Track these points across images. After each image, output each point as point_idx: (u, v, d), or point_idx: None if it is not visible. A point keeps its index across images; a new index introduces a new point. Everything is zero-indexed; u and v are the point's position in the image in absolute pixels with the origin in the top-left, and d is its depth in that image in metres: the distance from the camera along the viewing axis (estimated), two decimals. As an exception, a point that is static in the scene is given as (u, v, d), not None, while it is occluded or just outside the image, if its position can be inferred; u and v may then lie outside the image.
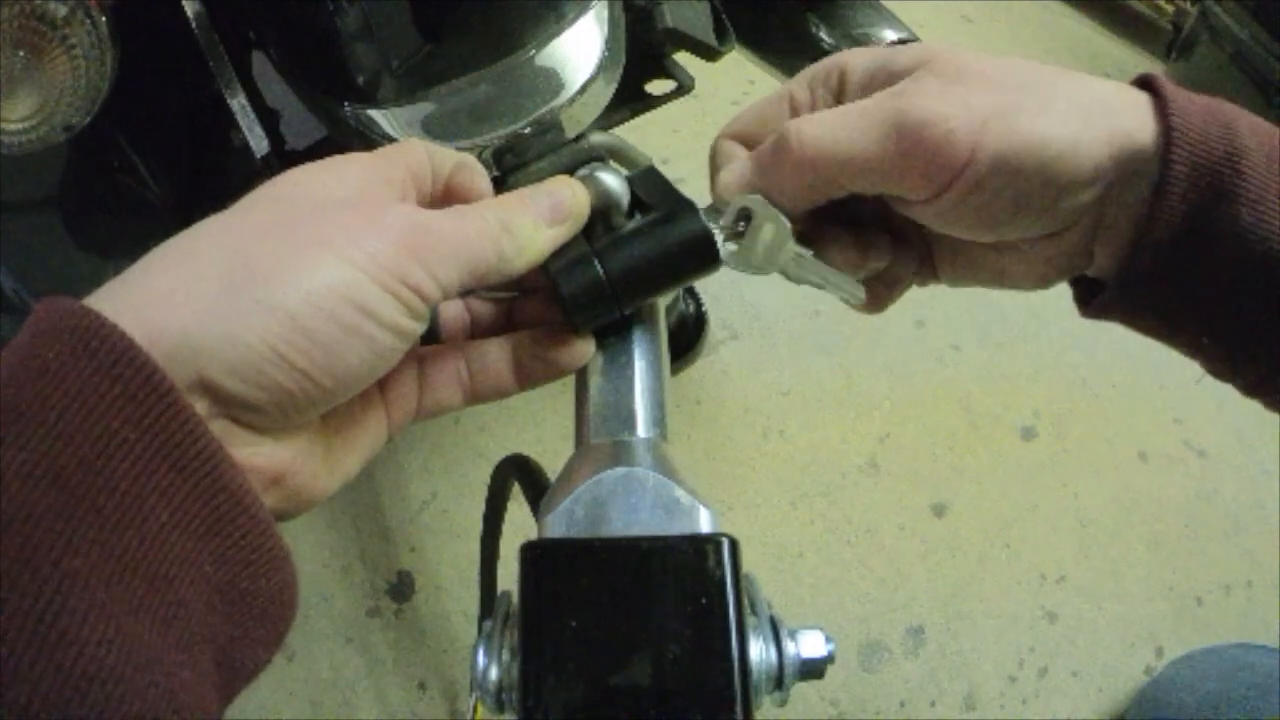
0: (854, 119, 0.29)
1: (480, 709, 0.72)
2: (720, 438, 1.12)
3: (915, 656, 0.97)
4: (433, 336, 0.35)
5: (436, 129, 0.46)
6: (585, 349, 0.34)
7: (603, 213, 0.35)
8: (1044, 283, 0.35)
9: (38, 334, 0.22)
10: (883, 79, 0.31)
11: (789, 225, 0.32)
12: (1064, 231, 0.31)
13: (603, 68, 0.48)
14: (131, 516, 0.21)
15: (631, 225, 0.34)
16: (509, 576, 0.29)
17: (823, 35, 0.71)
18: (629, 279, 0.32)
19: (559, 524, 0.29)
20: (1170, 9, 1.99)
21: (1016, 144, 0.27)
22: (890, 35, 0.70)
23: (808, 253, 0.32)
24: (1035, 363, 1.28)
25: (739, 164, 0.33)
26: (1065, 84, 0.29)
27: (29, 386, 0.21)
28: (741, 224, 0.32)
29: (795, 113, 0.33)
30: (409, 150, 0.31)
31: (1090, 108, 0.28)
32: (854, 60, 0.33)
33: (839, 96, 0.33)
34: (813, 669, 0.28)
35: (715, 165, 0.35)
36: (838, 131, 0.29)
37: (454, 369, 0.33)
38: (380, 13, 0.47)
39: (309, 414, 0.26)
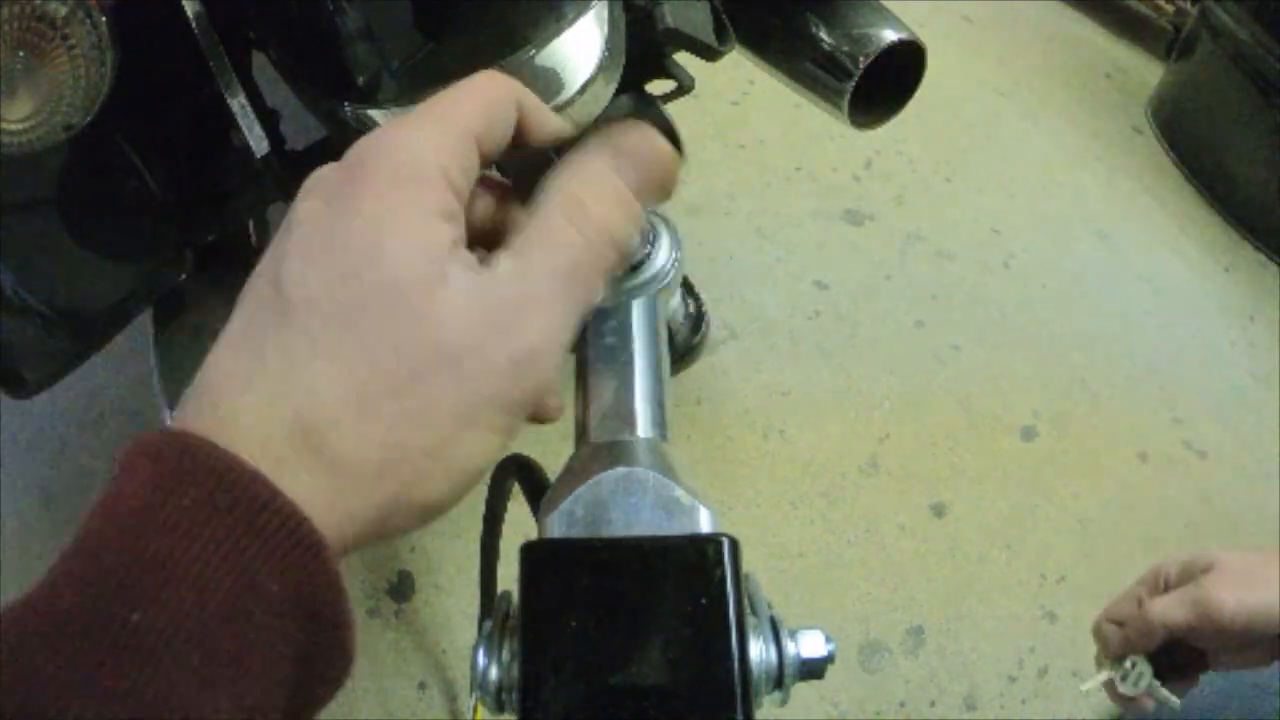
0: (1174, 601, 0.57)
1: (480, 709, 0.72)
2: (720, 438, 1.12)
3: (915, 656, 0.97)
4: None
5: (436, 129, 0.46)
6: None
7: None
8: (1270, 663, 0.58)
9: (165, 474, 0.21)
10: (1189, 575, 0.58)
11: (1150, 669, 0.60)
12: None
13: (603, 68, 0.48)
14: (265, 669, 0.21)
15: None
16: (509, 576, 0.29)
17: (823, 35, 0.71)
18: None
19: (559, 524, 0.29)
20: (1170, 9, 2.00)
21: (1254, 611, 0.53)
22: (891, 36, 0.70)
23: (1156, 681, 0.59)
24: (1035, 363, 1.28)
25: (1118, 635, 0.60)
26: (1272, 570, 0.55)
27: (163, 537, 0.20)
28: (1129, 667, 0.59)
29: (1142, 602, 0.59)
30: (451, 164, 0.26)
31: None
32: (1169, 566, 0.60)
33: (1166, 587, 0.60)
34: (813, 669, 0.28)
35: (1101, 636, 0.62)
36: (1166, 607, 0.57)
37: None
38: (380, 13, 0.47)
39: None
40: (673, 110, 0.80)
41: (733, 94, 1.61)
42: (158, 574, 0.20)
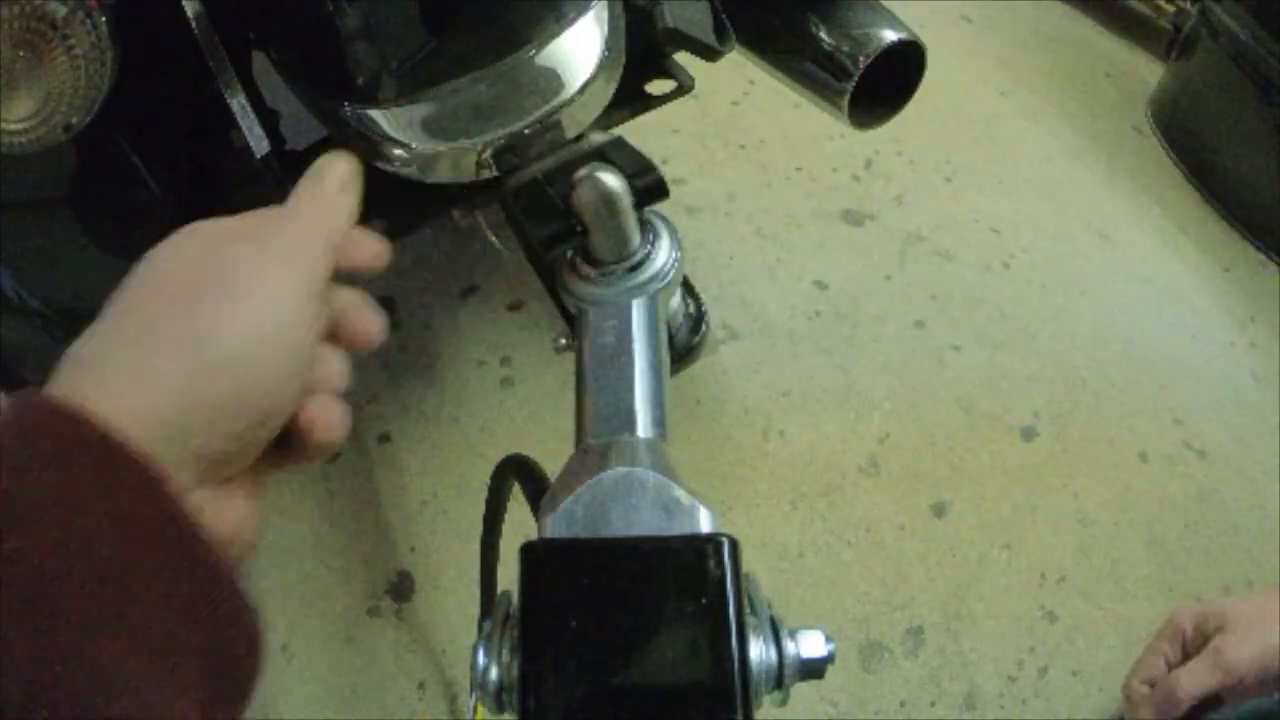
0: (1198, 671, 0.60)
1: (480, 709, 0.72)
2: (720, 438, 1.12)
3: (915, 656, 0.97)
4: None
5: (436, 128, 0.46)
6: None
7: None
8: None
9: (28, 425, 0.25)
10: (1203, 633, 0.63)
11: None
12: None
13: (603, 68, 0.48)
14: (149, 605, 0.24)
15: None
16: (509, 576, 0.29)
17: (823, 35, 0.71)
18: None
19: (559, 524, 0.29)
20: (1170, 9, 1.99)
21: (1266, 655, 0.58)
22: (891, 36, 0.70)
23: None
24: (1035, 363, 1.28)
25: (1146, 703, 0.65)
26: None
27: (32, 480, 0.23)
28: None
29: (1168, 665, 0.66)
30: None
31: None
32: (1183, 620, 0.65)
33: (1184, 648, 0.65)
34: (813, 669, 0.28)
35: (1134, 699, 0.67)
36: (1192, 679, 0.61)
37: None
38: (380, 12, 0.48)
39: (262, 446, 0.30)
40: (673, 110, 0.80)
41: (733, 94, 1.61)
42: (35, 518, 0.23)
